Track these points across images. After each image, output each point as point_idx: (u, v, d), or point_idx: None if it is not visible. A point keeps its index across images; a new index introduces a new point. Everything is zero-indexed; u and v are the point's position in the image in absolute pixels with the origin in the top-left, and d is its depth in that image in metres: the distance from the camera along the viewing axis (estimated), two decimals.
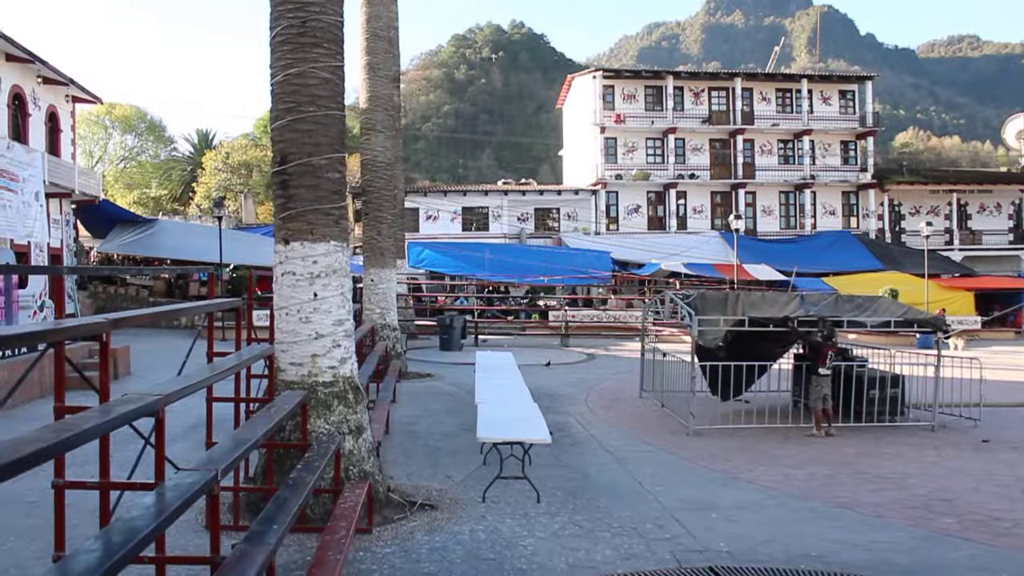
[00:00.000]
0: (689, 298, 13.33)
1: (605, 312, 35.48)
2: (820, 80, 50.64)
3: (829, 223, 47.46)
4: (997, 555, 7.60)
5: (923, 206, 48.40)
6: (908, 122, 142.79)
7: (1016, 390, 18.61)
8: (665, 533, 7.90)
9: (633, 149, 46.93)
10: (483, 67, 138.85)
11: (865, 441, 12.64)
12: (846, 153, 49.17)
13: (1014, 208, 48.87)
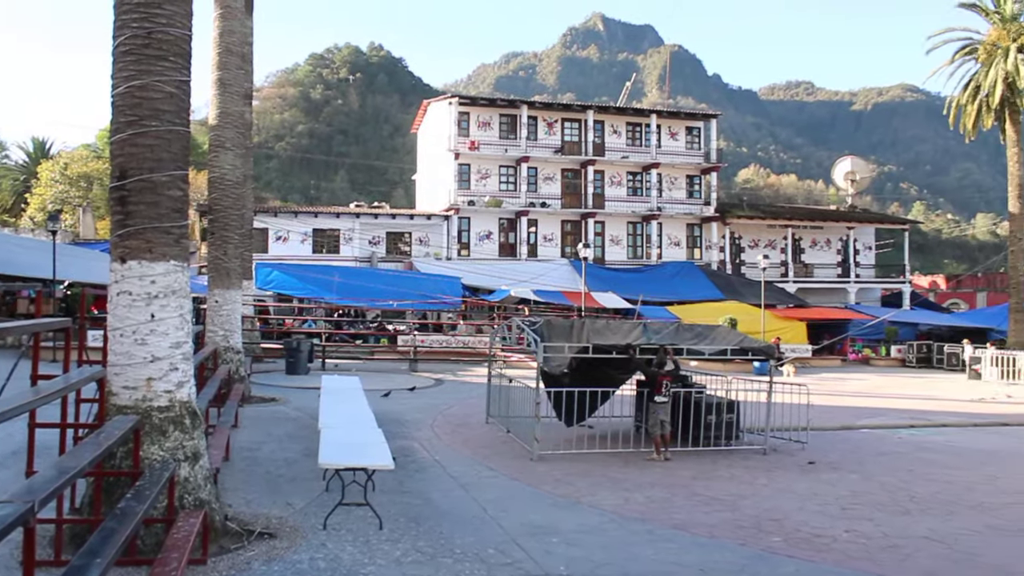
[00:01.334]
0: (535, 325, 13.54)
1: (454, 337, 35.56)
2: (668, 116, 52.59)
3: (674, 254, 49.16)
4: (817, 569, 8.03)
5: (761, 239, 50.78)
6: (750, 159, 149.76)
7: (840, 414, 19.74)
8: (507, 558, 7.95)
9: (486, 176, 47.42)
10: (340, 88, 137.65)
11: (702, 464, 13.10)
12: (691, 187, 51.12)
13: (842, 244, 51.91)
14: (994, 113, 39.89)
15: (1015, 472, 13.54)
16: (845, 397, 24.37)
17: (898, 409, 21.73)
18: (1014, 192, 39.60)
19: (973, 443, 16.58)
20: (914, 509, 10.62)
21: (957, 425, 19.12)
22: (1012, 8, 40.15)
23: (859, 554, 8.57)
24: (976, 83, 40.48)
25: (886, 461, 14.05)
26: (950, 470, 13.45)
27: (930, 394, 26.42)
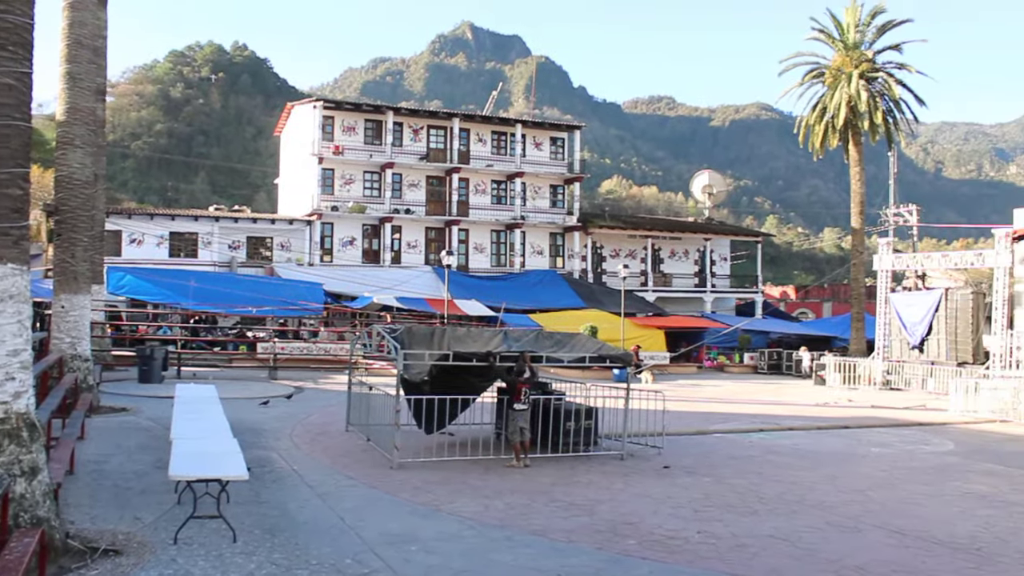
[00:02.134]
0: (396, 332, 13.47)
1: (316, 344, 34.96)
2: (533, 126, 53.28)
3: (537, 262, 49.75)
4: (670, 571, 8.29)
5: (622, 249, 51.98)
6: (613, 170, 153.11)
7: (695, 419, 20.38)
8: (364, 568, 7.88)
9: (351, 181, 46.91)
10: (202, 87, 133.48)
11: (561, 471, 13.29)
12: (555, 196, 51.88)
13: (699, 254, 53.68)
14: (839, 134, 42.07)
15: (853, 472, 14.28)
16: (700, 403, 25.16)
17: (750, 414, 22.59)
18: (856, 209, 41.86)
19: (817, 445, 17.38)
20: (761, 509, 11.06)
21: (803, 428, 20.01)
22: (855, 37, 42.46)
23: (710, 554, 8.88)
24: (823, 105, 42.60)
25: (737, 464, 14.58)
26: (795, 471, 14.07)
27: (779, 399, 27.56)
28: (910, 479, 13.77)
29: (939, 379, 29.43)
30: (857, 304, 41.15)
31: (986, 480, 13.80)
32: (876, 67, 42.20)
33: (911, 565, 8.73)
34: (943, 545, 9.55)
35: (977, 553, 9.26)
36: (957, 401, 23.97)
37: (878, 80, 42.05)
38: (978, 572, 8.58)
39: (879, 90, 42.01)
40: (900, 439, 18.74)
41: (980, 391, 24.01)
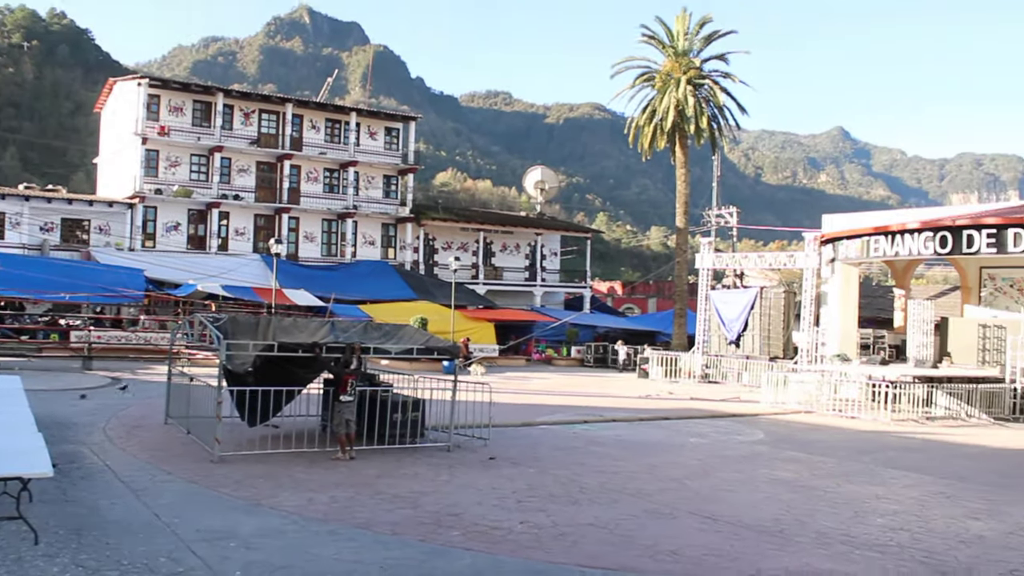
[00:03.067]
0: (219, 321, 13.05)
1: (135, 334, 33.45)
2: (369, 115, 52.71)
3: (369, 253, 49.29)
4: (492, 561, 8.38)
5: (455, 242, 52.17)
6: (448, 163, 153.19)
7: (522, 411, 20.69)
8: (179, 567, 7.60)
9: (176, 164, 45.06)
10: (12, 55, 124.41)
11: (387, 463, 13.22)
12: (388, 187, 51.51)
13: (530, 249, 54.52)
14: (667, 136, 43.65)
15: (671, 461, 14.87)
16: (528, 395, 25.60)
17: (575, 406, 23.13)
18: (680, 209, 43.61)
19: (638, 436, 18.00)
20: (583, 499, 11.35)
21: (625, 420, 20.67)
22: (683, 44, 44.15)
23: (531, 543, 9.04)
24: (653, 108, 44.07)
25: (561, 455, 14.91)
26: (617, 461, 14.51)
27: (604, 392, 28.36)
28: (723, 467, 14.45)
29: (753, 373, 30.99)
30: (680, 300, 42.91)
31: (790, 467, 14.66)
32: (703, 74, 44.05)
33: (720, 548, 9.16)
34: (750, 528, 10.08)
35: (780, 535, 9.82)
36: (768, 393, 25.32)
37: (704, 87, 43.88)
38: (779, 552, 9.10)
39: (705, 96, 43.87)
40: (715, 430, 19.64)
41: (789, 384, 25.45)
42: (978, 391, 23.74)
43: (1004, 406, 24.05)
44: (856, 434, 19.90)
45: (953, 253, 25.91)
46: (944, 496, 12.62)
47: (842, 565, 8.68)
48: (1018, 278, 30.55)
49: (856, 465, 15.24)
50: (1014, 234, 23.93)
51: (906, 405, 23.08)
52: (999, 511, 11.67)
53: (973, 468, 15.76)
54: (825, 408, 23.77)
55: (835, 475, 14.03)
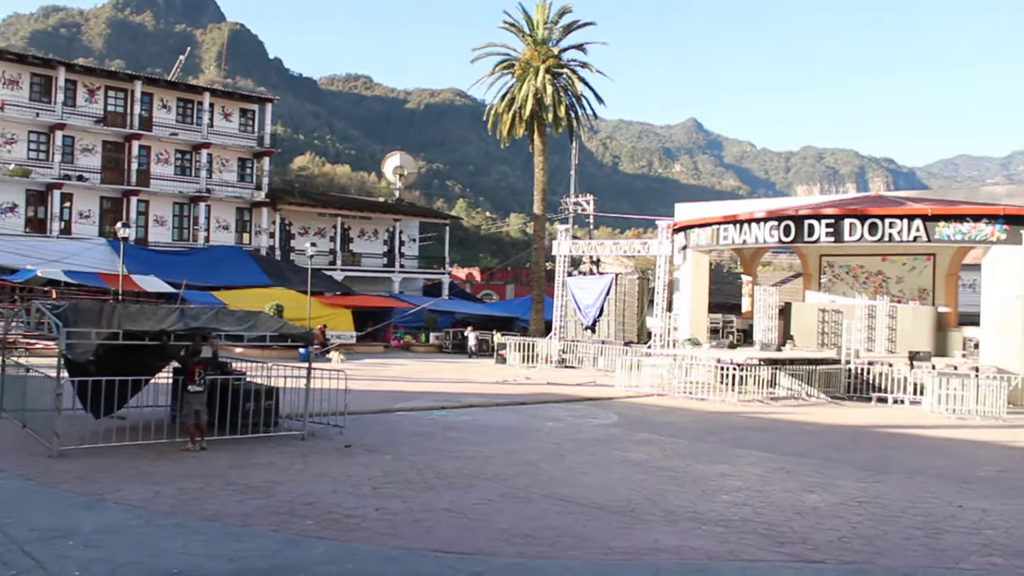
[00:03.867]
0: (59, 308, 12.43)
1: None
2: (223, 95, 51.10)
3: (223, 237, 47.90)
4: (346, 549, 8.30)
5: (312, 227, 51.29)
6: (306, 147, 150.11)
7: (379, 398, 20.56)
8: (12, 569, 7.20)
9: (12, 141, 42.58)
10: None
11: (239, 453, 12.90)
12: (243, 170, 50.16)
13: (388, 235, 54.13)
14: (525, 124, 44.03)
15: (527, 445, 15.06)
16: (386, 382, 25.45)
17: (433, 392, 23.14)
18: (538, 196, 44.13)
19: (495, 421, 18.16)
20: (439, 484, 11.37)
21: (483, 405, 20.81)
22: (543, 33, 44.59)
23: (386, 530, 9.00)
24: (512, 95, 44.36)
25: (418, 441, 14.89)
26: (473, 447, 14.60)
27: (462, 377, 28.46)
28: (578, 450, 14.73)
29: (608, 357, 31.69)
30: (537, 287, 43.47)
31: (643, 448, 15.08)
32: (562, 63, 44.64)
33: (573, 529, 9.35)
34: (603, 509, 10.32)
35: (631, 514, 10.10)
36: (622, 377, 25.96)
37: (563, 76, 44.49)
38: (629, 531, 9.35)
39: (564, 85, 44.47)
40: (571, 414, 20.00)
41: (642, 368, 26.16)
42: (817, 372, 25.00)
43: (840, 385, 25.42)
44: (706, 415, 20.64)
45: (796, 241, 27.18)
46: (784, 472, 13.25)
47: (689, 540, 9.00)
48: (854, 265, 32.32)
49: (705, 445, 15.81)
50: (850, 224, 25.31)
51: (752, 387, 24.09)
52: (831, 484, 12.34)
53: (811, 444, 16.60)
54: (677, 391, 24.56)
55: (685, 455, 14.52)
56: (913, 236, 24.94)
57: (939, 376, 22.31)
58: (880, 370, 25.21)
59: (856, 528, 9.79)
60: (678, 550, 8.69)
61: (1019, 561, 8.84)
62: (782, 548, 8.86)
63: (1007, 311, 24.54)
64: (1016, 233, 24.12)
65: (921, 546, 9.18)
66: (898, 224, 24.98)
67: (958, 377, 22.06)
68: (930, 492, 12.03)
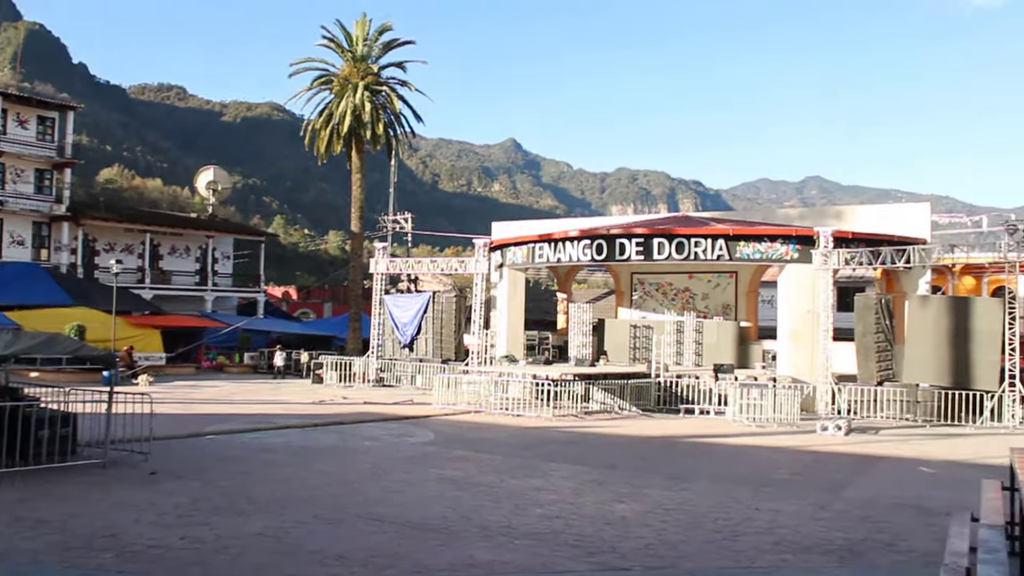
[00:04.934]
0: None
1: None
2: (18, 100, 47.80)
3: (17, 254, 44.76)
4: None
5: (118, 243, 48.74)
6: (114, 158, 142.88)
7: (189, 422, 19.80)
8: None
9: None
10: None
11: (31, 485, 12.11)
12: (41, 182, 47.09)
13: (201, 252, 52.18)
14: (343, 141, 43.51)
15: (343, 466, 14.88)
16: (197, 405, 24.54)
17: (246, 414, 22.51)
18: (356, 213, 43.71)
19: (310, 442, 17.84)
20: (250, 509, 11.06)
21: (298, 426, 20.40)
22: (363, 50, 44.31)
23: (193, 560, 8.69)
24: (330, 111, 43.77)
25: (228, 465, 14.43)
26: (287, 469, 14.29)
27: (277, 399, 27.77)
28: (394, 469, 14.67)
29: (426, 375, 31.67)
30: (355, 305, 42.99)
31: (459, 465, 15.17)
32: (381, 81, 44.46)
33: (387, 548, 9.30)
34: (417, 527, 10.32)
35: (445, 531, 10.16)
36: (440, 395, 26.04)
37: (382, 93, 44.32)
38: (444, 548, 9.40)
39: (382, 103, 44.31)
40: (388, 432, 19.90)
41: (460, 385, 26.34)
42: (629, 386, 25.90)
43: (651, 398, 26.43)
44: (522, 431, 20.99)
45: (608, 260, 28.14)
46: (596, 483, 13.65)
47: (502, 555, 9.14)
48: (663, 283, 33.71)
49: (520, 460, 16.07)
50: (658, 243, 26.47)
51: (567, 401, 24.67)
52: (640, 493, 12.82)
53: (622, 456, 17.20)
54: (494, 407, 24.85)
55: (500, 471, 14.71)
56: (716, 255, 26.37)
57: (740, 387, 23.58)
58: (688, 383, 26.38)
59: (662, 535, 10.20)
60: (491, 565, 8.80)
61: (806, 556, 9.47)
62: (592, 558, 9.12)
63: (800, 324, 26.24)
64: (807, 252, 25.88)
65: (721, 548, 9.68)
66: (703, 243, 26.33)
67: (757, 388, 23.39)
68: (731, 497, 12.69)
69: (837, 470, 16.05)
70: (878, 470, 16.30)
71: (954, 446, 19.78)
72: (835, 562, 9.29)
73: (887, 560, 9.48)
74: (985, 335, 23.89)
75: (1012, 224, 24.89)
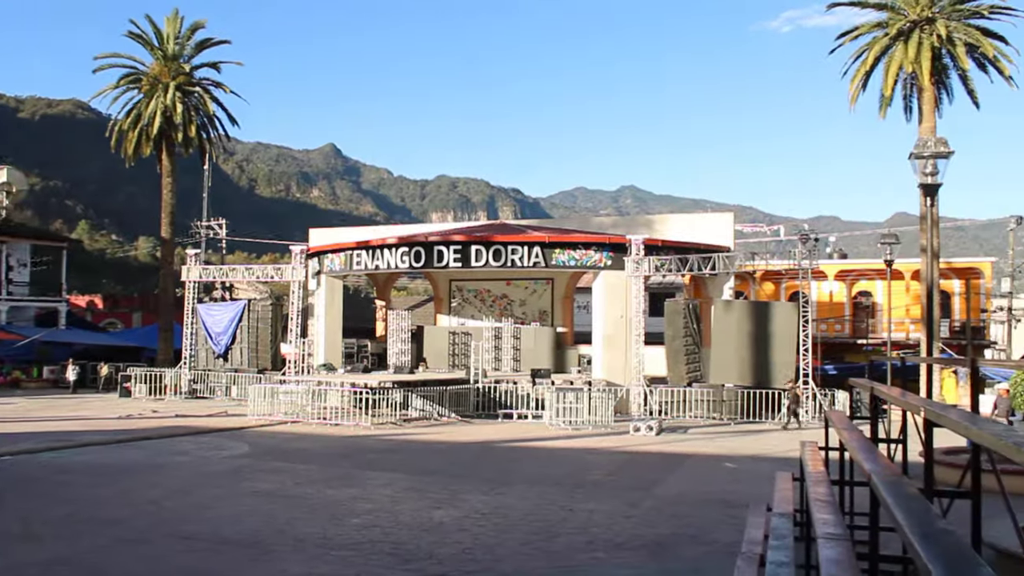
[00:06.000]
0: None
1: None
2: None
3: None
4: None
5: None
6: None
7: None
8: None
9: None
10: None
11: None
12: None
13: None
14: (153, 143, 41.62)
15: (149, 483, 14.22)
16: None
17: (45, 432, 21.14)
18: (166, 219, 41.88)
19: (113, 460, 16.95)
20: (45, 534, 10.40)
21: (101, 443, 19.34)
22: (174, 48, 42.49)
23: None
24: (139, 111, 41.72)
25: (23, 488, 13.58)
26: (87, 489, 13.54)
27: (80, 415, 26.27)
28: (205, 484, 14.15)
29: (241, 386, 30.74)
30: (166, 314, 41.16)
31: (274, 477, 14.80)
32: (193, 81, 42.79)
33: (196, 567, 8.97)
34: (229, 543, 9.99)
35: (258, 546, 9.88)
36: (256, 406, 25.32)
37: (195, 94, 42.67)
38: (255, 564, 9.14)
39: (195, 104, 42.66)
40: (199, 446, 19.18)
41: (277, 395, 25.71)
42: (448, 392, 26.01)
43: (470, 404, 26.64)
44: (339, 440, 20.71)
45: (427, 267, 28.20)
46: (415, 491, 13.63)
47: (316, 568, 8.97)
48: (482, 289, 34.10)
49: (337, 470, 15.84)
50: (476, 250, 26.75)
51: (386, 409, 24.55)
52: (458, 498, 12.91)
53: (440, 462, 17.25)
54: (312, 417, 24.42)
55: (317, 481, 14.45)
56: (533, 262, 26.90)
57: (557, 391, 24.13)
58: (506, 388, 26.78)
59: (479, 539, 10.30)
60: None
61: (618, 553, 9.80)
62: (408, 565, 9.10)
63: (614, 329, 27.13)
64: (620, 260, 26.81)
65: (536, 550, 9.86)
66: (520, 250, 26.80)
67: (573, 391, 24.00)
68: (547, 499, 12.96)
69: (649, 469, 16.68)
70: (686, 467, 17.05)
71: (756, 442, 20.97)
72: (645, 557, 9.64)
73: (693, 552, 9.93)
74: (782, 337, 25.48)
75: (805, 234, 26.70)
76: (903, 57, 30.71)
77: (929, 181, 14.61)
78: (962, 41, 30.70)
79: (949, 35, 30.44)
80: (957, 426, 4.21)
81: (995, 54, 30.84)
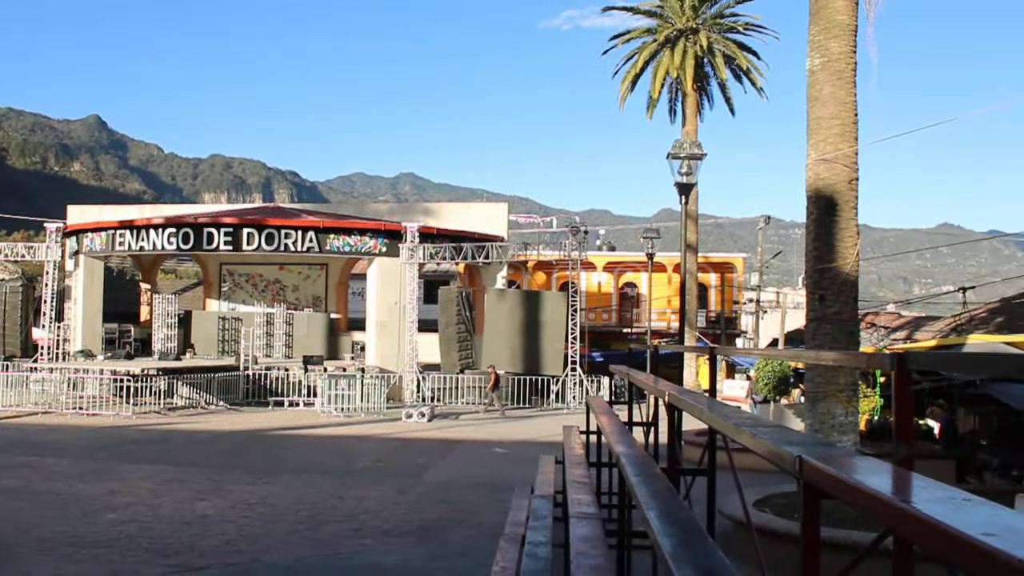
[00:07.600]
0: None
1: None
2: None
3: None
4: None
5: None
6: None
7: None
8: None
9: None
10: None
11: None
12: None
13: None
14: None
15: None
16: None
17: None
18: None
19: None
20: None
21: None
22: None
23: None
24: None
25: None
26: None
27: None
28: None
29: None
30: None
31: (20, 473, 13.81)
32: None
33: None
34: None
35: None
36: (1, 396, 23.48)
37: None
38: None
39: None
40: None
41: (27, 384, 23.99)
42: (216, 379, 25.14)
43: (239, 392, 25.88)
44: (97, 431, 19.58)
45: (195, 249, 27.12)
46: (177, 482, 13.13)
47: (65, 568, 8.49)
48: (254, 274, 33.15)
49: (93, 463, 15.01)
50: (248, 233, 26.00)
51: (150, 398, 23.46)
52: (223, 489, 12.56)
53: (206, 452, 16.71)
54: (66, 407, 22.93)
55: (69, 476, 13.63)
56: (307, 247, 26.46)
57: (329, 378, 23.88)
58: (277, 375, 26.22)
59: (244, 530, 10.08)
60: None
61: (386, 539, 9.89)
62: (168, 560, 8.78)
63: (388, 316, 27.15)
64: (395, 246, 26.85)
65: (303, 538, 9.78)
66: (293, 235, 26.29)
67: (346, 378, 23.84)
68: (315, 487, 12.85)
69: (420, 455, 16.85)
70: (457, 453, 17.38)
71: (525, 427, 21.67)
72: (413, 543, 9.77)
73: (460, 536, 10.16)
74: (552, 325, 26.39)
75: (576, 226, 27.78)
76: (670, 63, 32.37)
77: (684, 180, 15.57)
78: (721, 52, 32.77)
79: (710, 46, 32.37)
80: (694, 409, 4.57)
81: (748, 66, 33.13)
